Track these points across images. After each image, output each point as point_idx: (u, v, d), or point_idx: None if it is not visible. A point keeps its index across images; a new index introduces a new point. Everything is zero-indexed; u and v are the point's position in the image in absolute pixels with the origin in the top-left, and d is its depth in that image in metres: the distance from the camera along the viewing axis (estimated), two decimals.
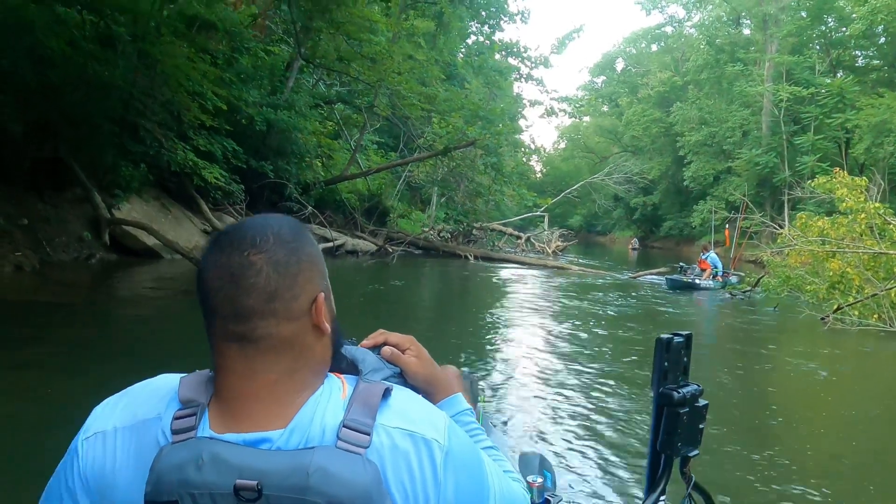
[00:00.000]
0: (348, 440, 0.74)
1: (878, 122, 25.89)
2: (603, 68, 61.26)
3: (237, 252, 0.78)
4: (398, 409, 0.80)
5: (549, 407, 4.92)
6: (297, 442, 0.74)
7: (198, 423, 0.76)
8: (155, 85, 11.60)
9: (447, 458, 0.78)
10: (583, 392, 5.41)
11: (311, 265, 0.82)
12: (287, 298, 0.78)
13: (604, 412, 4.83)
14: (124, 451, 0.78)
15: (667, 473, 1.23)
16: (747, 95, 34.89)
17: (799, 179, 28.86)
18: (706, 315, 12.12)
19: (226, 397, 0.78)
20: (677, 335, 1.22)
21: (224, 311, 0.78)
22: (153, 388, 0.84)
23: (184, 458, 0.72)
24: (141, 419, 0.80)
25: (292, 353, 0.79)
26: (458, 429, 0.85)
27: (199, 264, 0.81)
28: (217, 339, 0.79)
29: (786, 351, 8.32)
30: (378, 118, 20.34)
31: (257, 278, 0.77)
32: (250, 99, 14.34)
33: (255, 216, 0.86)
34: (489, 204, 25.76)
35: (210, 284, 0.79)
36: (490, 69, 28.90)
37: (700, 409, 1.21)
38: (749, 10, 38.65)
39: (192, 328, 5.01)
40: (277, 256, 0.78)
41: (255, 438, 0.75)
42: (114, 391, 0.87)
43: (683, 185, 40.01)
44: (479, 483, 0.84)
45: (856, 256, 9.90)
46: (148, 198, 12.38)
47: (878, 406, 5.76)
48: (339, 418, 0.76)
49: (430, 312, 10.75)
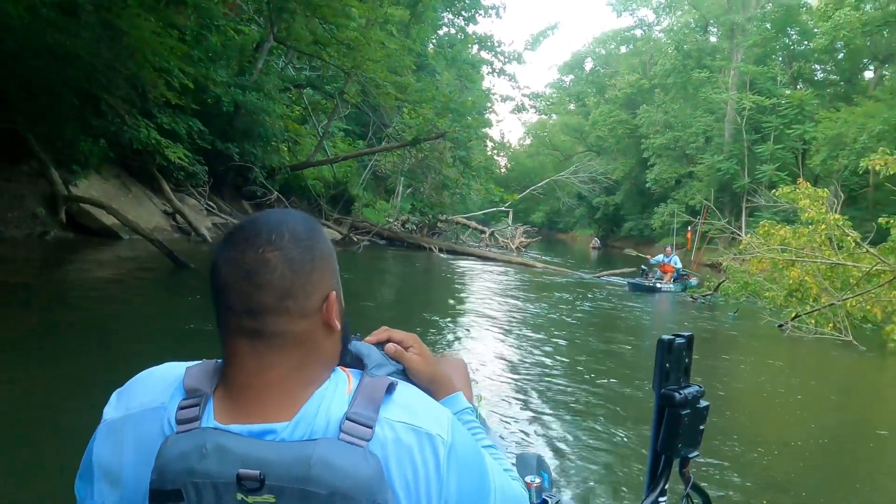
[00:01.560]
0: (351, 432, 0.74)
1: (835, 136, 26.70)
2: (572, 67, 61.64)
3: (252, 248, 0.78)
4: (402, 403, 0.81)
5: (540, 407, 4.94)
6: (301, 434, 0.75)
7: (202, 413, 0.76)
8: (119, 58, 11.14)
9: (450, 453, 0.79)
10: (567, 393, 5.43)
11: (324, 263, 0.83)
12: (300, 296, 0.79)
13: (601, 411, 4.88)
14: (130, 440, 0.79)
15: (666, 474, 1.22)
16: (712, 102, 35.54)
17: (758, 186, 29.62)
18: (669, 318, 12.32)
19: (233, 389, 0.79)
20: (679, 336, 1.21)
21: (237, 307, 0.78)
22: (158, 377, 0.84)
23: (188, 448, 0.73)
24: (146, 408, 0.80)
25: (302, 349, 0.80)
26: (460, 425, 0.85)
27: (212, 258, 0.81)
28: (228, 333, 0.80)
29: (745, 356, 8.50)
30: (347, 105, 20.07)
31: (272, 276, 0.77)
32: (218, 78, 13.95)
33: (271, 211, 0.86)
34: (455, 197, 25.73)
35: (224, 280, 0.79)
36: (463, 62, 28.78)
37: (701, 411, 1.21)
38: (717, 17, 39.35)
39: (155, 311, 4.89)
40: (292, 254, 0.79)
41: (259, 430, 0.75)
42: (81, 378, 0.80)
43: (646, 187, 40.59)
44: (481, 479, 0.84)
45: (814, 266, 10.16)
46: (108, 175, 11.96)
47: (830, 414, 5.92)
48: (343, 411, 0.76)
49: (400, 305, 10.65)
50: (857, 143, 25.00)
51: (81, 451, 0.83)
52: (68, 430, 3.11)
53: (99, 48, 10.84)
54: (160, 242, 9.42)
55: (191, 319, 6.31)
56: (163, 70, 11.63)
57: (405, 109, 19.29)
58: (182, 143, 12.89)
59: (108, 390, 0.86)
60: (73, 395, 3.76)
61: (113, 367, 4.27)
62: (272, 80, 16.85)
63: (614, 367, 6.80)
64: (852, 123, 25.97)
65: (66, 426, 3.23)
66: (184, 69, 12.03)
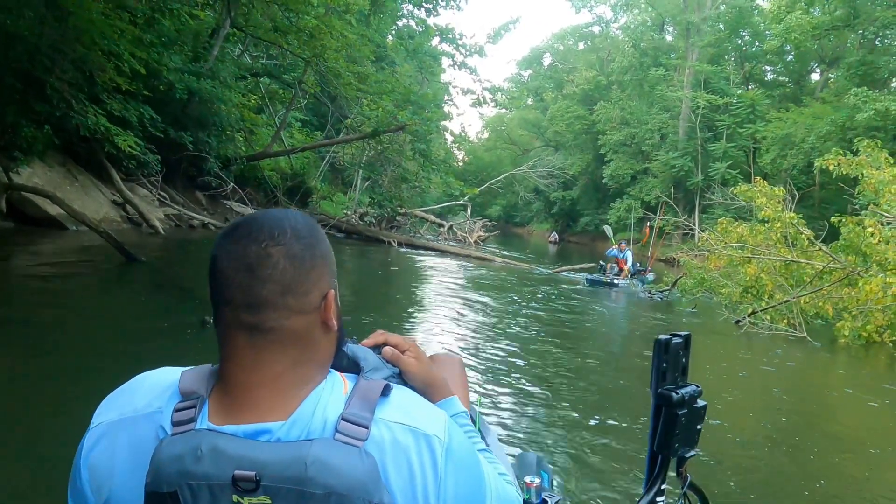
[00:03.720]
0: (346, 433, 0.74)
1: (784, 136, 27.54)
2: (530, 62, 61.92)
3: (254, 243, 0.78)
4: (399, 405, 0.81)
5: (534, 406, 4.89)
6: (297, 434, 0.75)
7: (197, 414, 0.76)
8: (65, 40, 10.55)
9: (447, 454, 0.78)
10: (568, 390, 5.36)
11: (324, 262, 0.83)
12: (300, 292, 0.79)
13: (600, 411, 4.82)
14: (123, 444, 0.78)
15: (663, 473, 1.22)
16: (667, 100, 36.21)
17: (710, 184, 30.32)
18: (627, 313, 12.45)
19: (230, 387, 0.79)
20: (676, 336, 1.20)
21: (237, 301, 0.78)
22: (154, 382, 0.83)
23: (182, 450, 0.72)
24: (142, 412, 0.79)
25: (300, 346, 0.80)
26: (457, 427, 0.85)
27: (213, 253, 0.80)
28: (227, 329, 0.79)
29: (704, 351, 8.62)
30: (305, 95, 19.66)
31: (273, 270, 0.77)
32: (171, 64, 13.45)
33: (271, 210, 0.86)
34: (414, 190, 25.55)
35: (225, 273, 0.78)
36: (424, 53, 28.52)
37: (698, 410, 1.20)
38: (673, 17, 40.08)
39: (100, 307, 4.58)
40: (294, 250, 0.79)
41: (255, 430, 0.75)
42: (14, 378, 0.65)
43: (602, 183, 41.13)
44: (478, 481, 0.84)
45: (770, 263, 10.39)
46: (52, 163, 11.40)
47: (784, 408, 6.02)
48: (340, 412, 0.76)
49: (358, 300, 10.45)
50: (805, 143, 25.84)
51: (14, 452, 0.68)
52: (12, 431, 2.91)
53: (42, 29, 10.28)
54: (108, 234, 9.01)
55: (141, 316, 6.03)
56: (112, 54, 11.11)
57: (365, 101, 18.98)
58: (133, 130, 12.35)
59: (44, 391, 0.71)
60: (4, 395, 3.50)
61: (53, 367, 3.99)
62: (228, 68, 16.36)
63: (591, 362, 6.78)
64: (801, 124, 26.81)
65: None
66: (135, 53, 11.51)
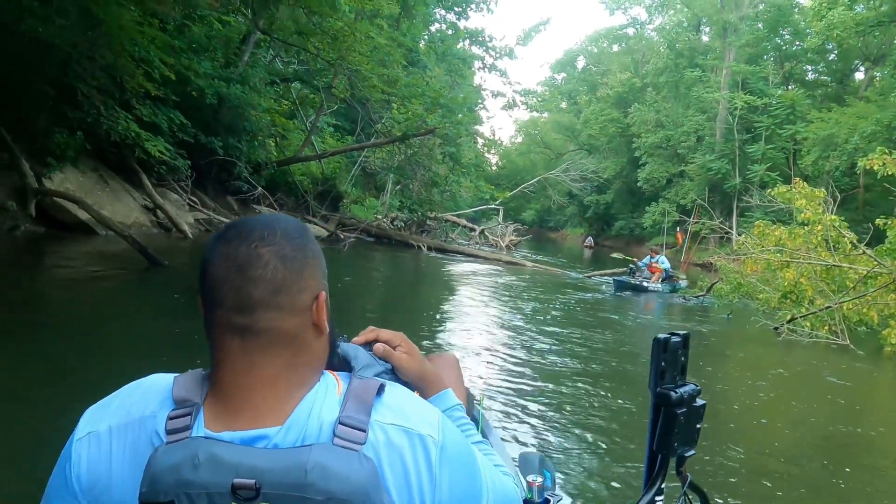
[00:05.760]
0: (345, 437, 0.74)
1: (826, 136, 26.65)
2: (564, 65, 61.48)
3: (245, 244, 0.78)
4: (392, 405, 0.80)
5: (537, 406, 4.81)
6: (294, 439, 0.74)
7: (193, 422, 0.75)
8: (96, 47, 10.75)
9: (442, 452, 0.78)
10: (575, 392, 5.31)
11: (315, 262, 0.83)
12: (292, 292, 0.79)
13: (603, 412, 4.77)
14: (118, 451, 0.77)
15: (663, 473, 1.22)
16: (704, 101, 35.48)
17: (749, 186, 29.52)
18: (661, 320, 12.10)
19: (223, 392, 0.78)
20: (675, 335, 1.21)
21: (229, 302, 0.77)
22: (146, 388, 0.82)
23: (179, 459, 0.71)
24: (135, 418, 0.78)
25: (292, 348, 0.79)
26: (451, 424, 0.85)
27: (204, 256, 0.80)
28: (218, 332, 0.79)
29: (740, 359, 8.30)
30: (335, 100, 19.72)
31: (264, 270, 0.77)
32: (202, 70, 13.58)
33: (262, 214, 0.78)
34: (445, 194, 25.42)
35: (216, 275, 0.78)
36: (454, 56, 28.42)
37: (697, 409, 1.20)
38: (710, 16, 39.27)
39: (121, 312, 4.57)
40: (284, 251, 0.79)
41: (251, 436, 0.74)
42: (46, 381, 0.54)
43: (637, 186, 40.47)
44: (473, 477, 0.84)
45: (810, 268, 9.96)
46: (85, 168, 11.55)
47: (826, 419, 5.70)
48: (335, 415, 0.76)
49: (386, 304, 10.35)
50: (848, 144, 24.94)
51: (49, 455, 0.78)
52: (35, 434, 2.90)
53: (75, 36, 10.46)
54: (133, 239, 9.05)
55: (158, 321, 6.00)
56: (142, 60, 11.27)
57: (394, 104, 18.95)
58: (163, 136, 12.50)
59: (72, 395, 0.58)
60: (38, 398, 3.47)
61: (78, 370, 4.07)
62: (259, 73, 16.48)
63: (606, 367, 6.56)
64: (844, 124, 25.91)
65: (31, 430, 3.00)
66: (165, 59, 11.66)
